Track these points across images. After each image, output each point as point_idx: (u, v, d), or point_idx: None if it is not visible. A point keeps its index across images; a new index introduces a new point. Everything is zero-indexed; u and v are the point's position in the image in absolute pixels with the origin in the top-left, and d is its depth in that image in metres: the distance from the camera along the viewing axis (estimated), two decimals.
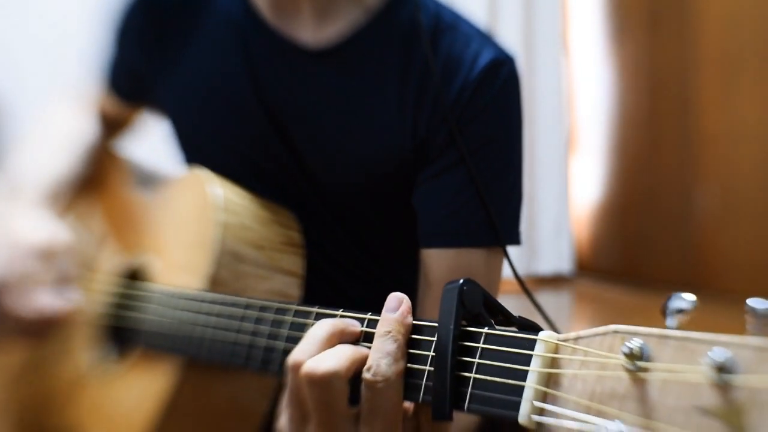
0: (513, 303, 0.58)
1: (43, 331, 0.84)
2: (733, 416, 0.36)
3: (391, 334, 0.51)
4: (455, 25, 0.85)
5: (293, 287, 0.83)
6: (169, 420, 0.77)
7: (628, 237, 3.00)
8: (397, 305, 0.53)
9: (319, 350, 0.53)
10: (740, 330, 0.38)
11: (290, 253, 0.84)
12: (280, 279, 0.82)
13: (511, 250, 0.83)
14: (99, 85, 1.06)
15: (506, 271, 0.85)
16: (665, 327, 0.40)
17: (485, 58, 0.82)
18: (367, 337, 0.54)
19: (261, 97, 0.87)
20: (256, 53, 0.88)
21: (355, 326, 0.56)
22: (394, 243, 0.92)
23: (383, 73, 0.84)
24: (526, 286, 0.83)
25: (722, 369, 0.36)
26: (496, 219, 0.80)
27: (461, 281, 0.49)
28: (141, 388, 0.81)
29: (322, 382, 0.50)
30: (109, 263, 0.96)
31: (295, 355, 0.53)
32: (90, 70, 1.08)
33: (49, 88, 2.29)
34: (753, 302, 0.38)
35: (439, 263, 0.81)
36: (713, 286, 2.61)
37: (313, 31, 0.86)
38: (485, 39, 0.85)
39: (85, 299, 0.92)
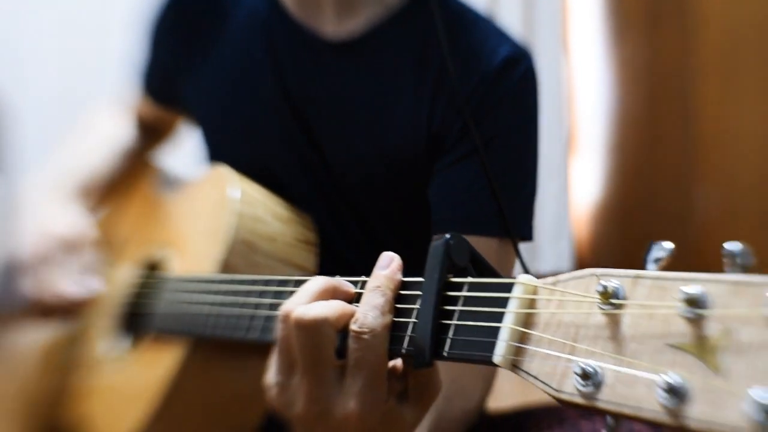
0: None
1: (60, 314, 0.86)
2: (704, 350, 0.36)
3: (380, 288, 0.52)
4: (475, 21, 0.88)
5: None
6: (173, 403, 0.78)
7: (628, 237, 2.99)
8: (387, 262, 0.54)
9: (310, 302, 0.54)
10: None
11: (303, 249, 0.85)
12: (291, 272, 0.83)
13: None
14: (136, 89, 1.09)
15: (517, 269, 0.86)
16: None
17: (503, 53, 0.84)
18: (360, 299, 0.55)
19: (283, 88, 0.89)
20: (279, 46, 0.90)
21: (349, 287, 0.57)
22: (407, 241, 0.93)
23: (401, 66, 0.86)
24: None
25: (694, 303, 0.36)
26: (507, 211, 0.81)
27: (448, 235, 0.50)
28: (147, 372, 0.82)
29: (311, 327, 0.51)
30: (133, 257, 0.98)
31: (286, 305, 0.54)
32: (126, 73, 1.12)
33: (54, 91, 2.31)
34: (730, 245, 0.38)
35: None
36: None
37: (334, 24, 0.88)
38: (504, 36, 0.87)
39: (106, 291, 0.94)
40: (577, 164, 3.16)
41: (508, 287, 0.44)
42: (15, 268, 0.84)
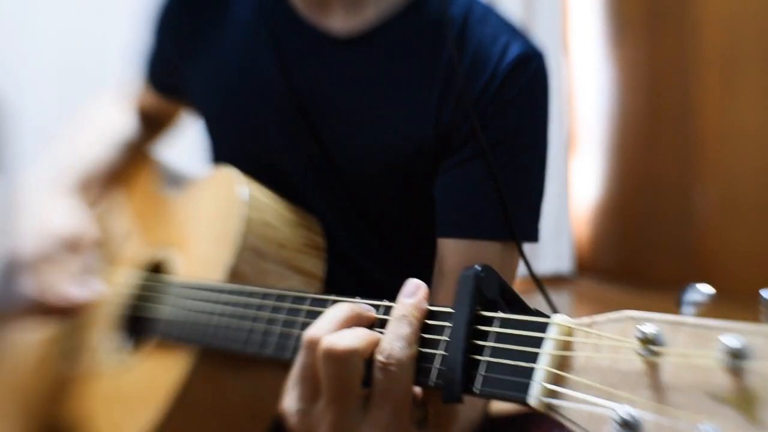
0: None
1: (64, 315, 0.85)
2: (744, 402, 0.36)
3: (406, 318, 0.52)
4: (486, 17, 0.85)
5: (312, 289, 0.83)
6: (179, 410, 0.77)
7: (628, 237, 3.00)
8: (414, 290, 0.54)
9: (336, 329, 0.54)
10: None
11: (311, 255, 0.84)
12: (300, 280, 0.82)
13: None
14: (138, 79, 1.08)
15: (520, 269, 0.85)
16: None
17: (513, 52, 0.82)
18: (382, 325, 0.55)
19: (288, 84, 0.88)
20: (284, 40, 0.89)
21: (371, 311, 0.56)
22: (413, 236, 0.92)
23: (410, 63, 0.85)
24: (542, 283, 0.84)
25: (735, 355, 0.36)
26: (513, 214, 0.80)
27: (478, 267, 0.50)
28: (153, 378, 0.81)
29: (341, 359, 0.51)
30: (134, 257, 0.96)
31: (312, 331, 0.54)
32: (128, 65, 1.10)
33: (53, 91, 2.30)
34: (766, 292, 0.38)
35: (454, 253, 0.81)
36: (713, 286, 2.61)
37: (342, 20, 0.86)
38: (515, 33, 0.85)
39: (107, 291, 0.93)
40: (577, 164, 3.16)
41: (542, 327, 0.44)
42: (15, 268, 0.83)
